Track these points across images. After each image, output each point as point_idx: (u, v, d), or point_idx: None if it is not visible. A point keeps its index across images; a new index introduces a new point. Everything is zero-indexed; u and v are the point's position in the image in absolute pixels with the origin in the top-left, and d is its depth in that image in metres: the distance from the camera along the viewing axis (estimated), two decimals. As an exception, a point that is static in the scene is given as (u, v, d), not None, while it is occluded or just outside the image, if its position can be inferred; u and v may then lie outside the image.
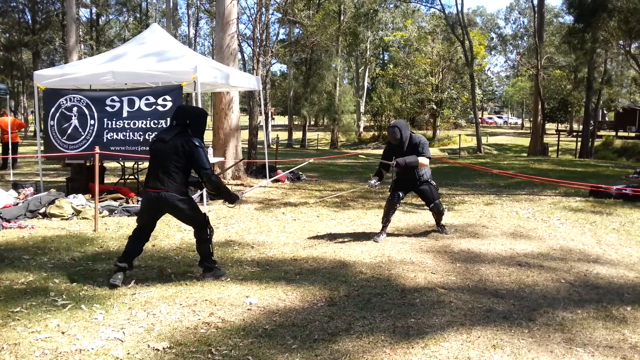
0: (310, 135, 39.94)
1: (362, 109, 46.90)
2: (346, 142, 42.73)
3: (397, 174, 6.33)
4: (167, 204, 4.40)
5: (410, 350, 3.28)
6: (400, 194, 6.18)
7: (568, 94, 41.72)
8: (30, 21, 37.15)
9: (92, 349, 3.25)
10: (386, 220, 6.21)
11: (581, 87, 33.62)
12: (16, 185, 8.83)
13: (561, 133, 41.14)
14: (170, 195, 4.36)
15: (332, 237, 6.28)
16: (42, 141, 8.93)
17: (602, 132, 40.96)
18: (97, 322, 3.66)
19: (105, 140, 8.35)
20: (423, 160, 5.94)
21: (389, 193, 6.29)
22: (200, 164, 4.35)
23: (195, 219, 4.57)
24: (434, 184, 6.25)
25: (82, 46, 33.25)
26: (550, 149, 29.57)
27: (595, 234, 6.55)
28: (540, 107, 29.08)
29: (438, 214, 6.34)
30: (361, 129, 46.86)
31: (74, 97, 8.50)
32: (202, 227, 4.58)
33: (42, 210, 7.31)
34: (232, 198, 4.68)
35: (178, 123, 4.48)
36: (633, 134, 40.32)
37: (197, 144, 4.36)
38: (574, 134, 41.00)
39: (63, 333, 3.47)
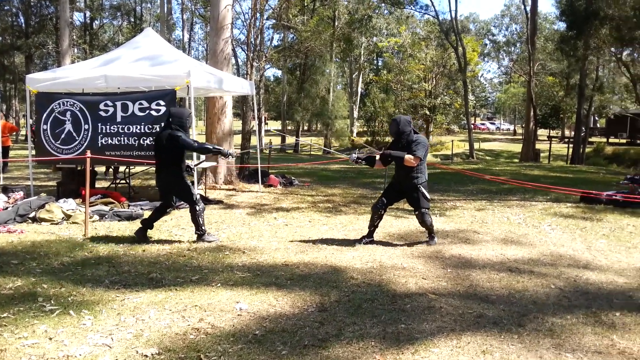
0: (303, 139, 39.94)
1: (355, 114, 47.02)
2: (339, 147, 42.77)
3: (395, 172, 6.16)
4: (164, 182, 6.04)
5: (400, 356, 3.27)
6: (385, 199, 6.07)
7: (560, 101, 41.97)
8: (23, 25, 36.99)
9: (80, 355, 3.22)
10: (371, 225, 6.16)
11: (573, 93, 33.85)
12: (6, 189, 8.77)
13: (553, 139, 41.30)
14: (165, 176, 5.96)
15: (323, 242, 6.27)
16: (33, 145, 8.88)
17: (593, 139, 41.25)
18: (86, 327, 3.63)
19: (100, 145, 8.34)
20: (409, 157, 5.75)
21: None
22: (186, 146, 5.81)
23: (187, 197, 6.04)
24: (424, 191, 5.99)
25: (76, 50, 33.09)
26: (542, 155, 29.71)
27: (586, 239, 6.58)
28: (532, 113, 29.25)
29: (422, 222, 6.06)
30: (354, 134, 46.95)
31: (67, 102, 8.47)
32: (192, 203, 5.99)
33: (31, 215, 7.26)
34: (224, 153, 6.05)
35: (165, 120, 6.12)
36: (624, 141, 40.65)
37: (177, 134, 5.74)
38: (566, 140, 41.22)
39: (51, 339, 3.44)
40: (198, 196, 6.09)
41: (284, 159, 23.78)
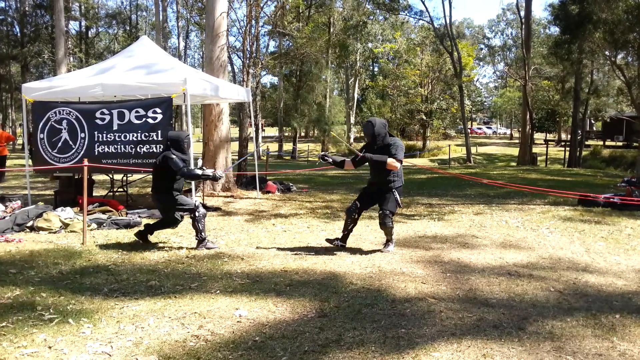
0: (300, 146, 39.97)
1: (352, 120, 47.08)
2: (337, 153, 42.84)
3: (370, 176, 6.05)
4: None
5: (401, 361, 3.27)
6: (358, 203, 5.98)
7: (556, 104, 42.12)
8: (18, 34, 37.02)
9: (80, 363, 3.21)
10: (345, 229, 6.11)
11: (568, 97, 33.94)
12: (3, 199, 8.76)
13: (549, 143, 41.51)
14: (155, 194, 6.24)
15: (322, 248, 6.26)
16: (30, 154, 8.87)
17: (590, 142, 41.36)
18: (85, 336, 3.62)
19: (96, 153, 8.33)
20: (392, 161, 5.69)
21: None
22: (175, 168, 5.89)
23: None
24: (397, 196, 5.87)
25: (71, 59, 33.14)
26: (539, 158, 29.77)
27: (584, 242, 6.59)
28: (528, 117, 29.35)
29: (382, 224, 5.88)
30: (352, 140, 46.99)
31: (63, 110, 8.47)
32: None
33: (29, 224, 7.23)
34: (214, 178, 6.21)
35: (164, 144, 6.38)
36: (620, 143, 40.80)
37: (170, 156, 5.90)
38: (562, 143, 41.36)
39: (50, 347, 3.42)
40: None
41: (281, 166, 23.79)
